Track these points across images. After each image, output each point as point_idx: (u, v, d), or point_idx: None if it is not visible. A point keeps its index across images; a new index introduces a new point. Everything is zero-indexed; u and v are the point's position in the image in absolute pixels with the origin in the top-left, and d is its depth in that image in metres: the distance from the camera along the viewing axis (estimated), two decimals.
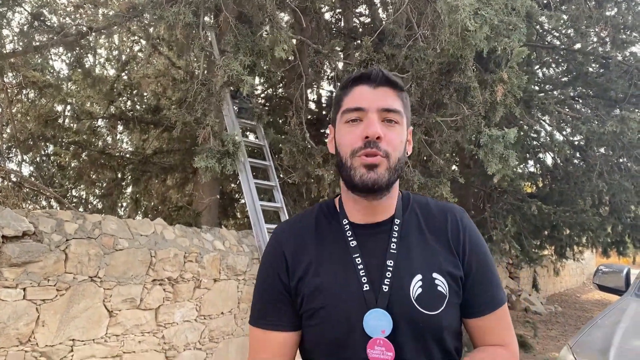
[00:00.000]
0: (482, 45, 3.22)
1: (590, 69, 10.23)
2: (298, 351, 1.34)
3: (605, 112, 9.87)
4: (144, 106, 8.86)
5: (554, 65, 11.90)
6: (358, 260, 1.24)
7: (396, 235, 1.27)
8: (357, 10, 9.77)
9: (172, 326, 4.68)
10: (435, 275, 1.23)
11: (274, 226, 6.01)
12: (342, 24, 9.02)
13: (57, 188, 9.01)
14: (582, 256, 18.56)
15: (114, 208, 9.67)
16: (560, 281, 19.63)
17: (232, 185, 8.47)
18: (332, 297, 1.22)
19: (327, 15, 9.34)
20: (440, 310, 1.20)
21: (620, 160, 9.73)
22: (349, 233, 1.29)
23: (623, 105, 9.15)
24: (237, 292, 5.40)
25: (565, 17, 9.07)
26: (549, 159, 12.53)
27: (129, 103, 8.77)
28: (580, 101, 10.34)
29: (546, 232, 11.22)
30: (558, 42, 11.34)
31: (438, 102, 4.41)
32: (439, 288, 1.22)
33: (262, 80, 7.14)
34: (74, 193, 10.56)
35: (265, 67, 4.47)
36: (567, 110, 10.26)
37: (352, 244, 1.27)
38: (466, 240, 1.30)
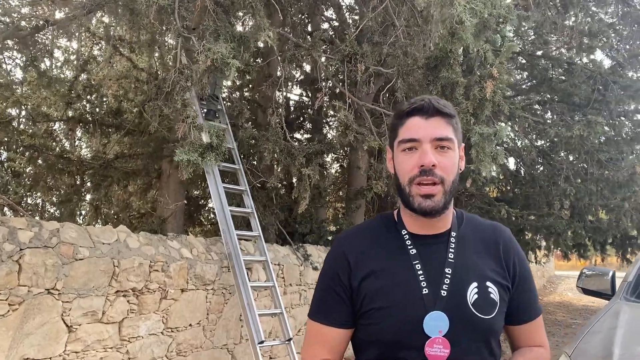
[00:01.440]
0: (469, 41, 3.13)
1: (555, 75, 10.39)
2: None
3: (569, 117, 10.03)
4: (104, 109, 8.48)
5: (518, 71, 12.06)
6: (418, 267, 1.37)
7: (453, 246, 1.40)
8: (325, 14, 9.66)
9: (137, 340, 4.39)
10: (488, 284, 1.38)
11: (244, 232, 5.78)
12: (310, 28, 8.89)
13: (12, 195, 8.53)
14: (548, 259, 18.89)
15: (73, 216, 9.22)
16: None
17: (196, 191, 8.20)
18: (394, 299, 1.34)
19: (295, 19, 9.18)
20: (492, 315, 1.35)
21: (585, 165, 9.88)
22: (408, 242, 1.41)
23: (587, 110, 9.30)
24: (205, 302, 5.14)
25: (525, 24, 9.18)
26: (511, 164, 12.68)
27: (88, 106, 8.37)
28: (547, 106, 10.48)
29: None
30: (520, 49, 11.47)
31: None
32: (492, 296, 1.37)
33: (232, 80, 6.88)
34: (29, 201, 10.05)
35: (247, 56, 4.23)
36: (531, 115, 10.39)
37: (412, 252, 1.39)
38: (515, 257, 1.46)
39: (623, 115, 9.97)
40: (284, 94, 5.79)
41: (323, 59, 4.68)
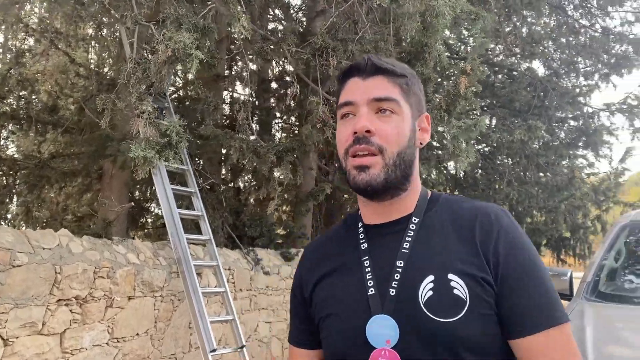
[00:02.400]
0: (443, 34, 3.10)
1: (497, 81, 10.71)
2: None
3: (509, 122, 10.35)
4: (39, 105, 7.96)
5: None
6: (366, 263, 1.12)
7: (411, 234, 1.11)
8: (274, 13, 9.54)
9: (81, 352, 4.09)
10: (451, 276, 1.04)
11: (194, 236, 5.55)
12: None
13: None
14: None
15: (0, 220, 8.62)
16: None
17: (138, 193, 7.84)
18: (337, 304, 1.13)
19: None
20: (456, 317, 1.00)
21: (524, 168, 10.23)
22: (361, 236, 1.17)
23: (527, 116, 9.63)
24: (153, 310, 4.88)
25: (465, 32, 9.41)
26: (451, 168, 12.97)
27: (22, 101, 7.82)
28: (489, 111, 10.77)
29: None
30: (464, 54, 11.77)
31: None
32: (456, 291, 1.02)
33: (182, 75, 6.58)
34: None
35: (211, 47, 4.00)
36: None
37: (363, 246, 1.15)
38: (500, 241, 1.06)
39: (560, 121, 10.41)
40: (249, 90, 5.57)
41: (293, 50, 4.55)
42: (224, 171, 8.47)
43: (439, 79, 3.84)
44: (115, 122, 5.85)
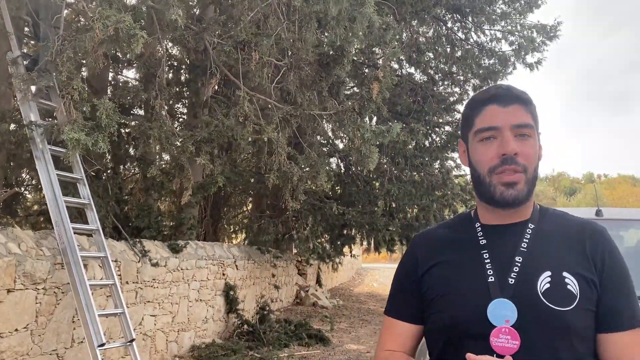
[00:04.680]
0: (361, 40, 3.26)
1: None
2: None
3: (391, 125, 10.94)
4: None
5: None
6: (485, 256, 1.31)
7: (528, 236, 1.32)
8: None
9: None
10: (565, 274, 1.25)
11: (80, 226, 5.25)
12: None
13: None
14: (367, 253, 20.30)
15: None
16: (336, 276, 21.25)
17: (16, 179, 7.17)
18: (456, 286, 1.30)
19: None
20: (569, 308, 1.21)
21: (403, 169, 10.92)
22: (480, 234, 1.36)
23: (408, 119, 10.29)
24: (35, 303, 4.56)
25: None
26: (333, 164, 13.46)
27: None
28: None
29: (337, 231, 12.05)
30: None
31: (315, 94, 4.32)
32: (569, 287, 1.24)
33: None
34: None
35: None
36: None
37: (482, 242, 1.34)
38: (605, 252, 1.30)
39: (437, 126, 11.25)
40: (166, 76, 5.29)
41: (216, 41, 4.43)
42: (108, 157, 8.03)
43: (352, 84, 4.05)
44: None
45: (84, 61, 3.83)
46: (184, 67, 8.22)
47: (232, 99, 4.73)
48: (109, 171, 5.98)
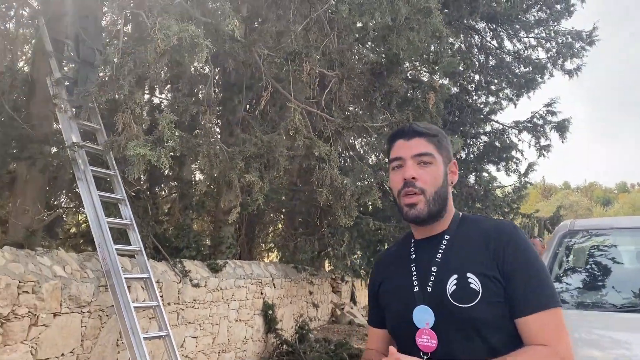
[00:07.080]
0: (419, 49, 3.13)
1: (415, 95, 11.10)
2: None
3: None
4: None
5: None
6: (413, 268, 1.57)
7: (443, 247, 1.54)
8: None
9: None
10: (469, 274, 1.46)
11: (124, 247, 5.17)
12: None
13: None
14: None
15: None
16: (366, 294, 20.92)
17: (55, 200, 7.19)
18: (392, 296, 1.61)
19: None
20: (472, 303, 1.42)
21: None
22: (412, 249, 1.62)
23: (445, 131, 10.05)
24: (80, 327, 4.48)
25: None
26: None
27: None
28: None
29: (371, 247, 11.81)
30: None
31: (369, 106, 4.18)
32: (472, 286, 1.44)
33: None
34: None
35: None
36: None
37: (412, 256, 1.60)
38: (506, 248, 1.47)
39: (474, 137, 10.97)
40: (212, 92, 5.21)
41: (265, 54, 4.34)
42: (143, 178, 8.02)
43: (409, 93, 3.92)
44: (34, 122, 5.37)
45: (148, 73, 3.75)
46: (218, 85, 8.20)
47: (279, 112, 4.64)
48: (148, 192, 5.91)
